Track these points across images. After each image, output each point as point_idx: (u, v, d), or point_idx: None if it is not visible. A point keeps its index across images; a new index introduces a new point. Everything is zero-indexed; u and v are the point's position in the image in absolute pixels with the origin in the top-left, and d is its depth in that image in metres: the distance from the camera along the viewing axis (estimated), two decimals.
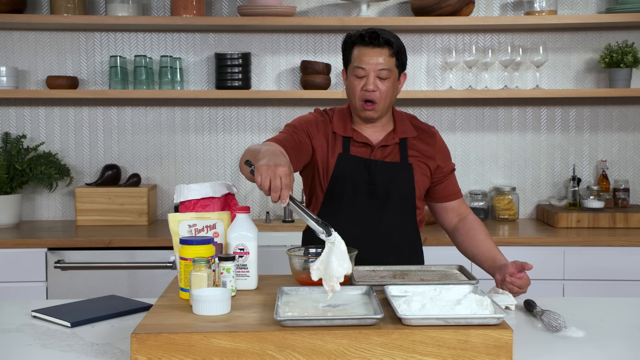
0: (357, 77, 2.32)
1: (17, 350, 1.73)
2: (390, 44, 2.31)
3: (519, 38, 3.78)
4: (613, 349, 1.74)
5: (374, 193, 2.34)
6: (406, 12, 3.77)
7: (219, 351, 1.58)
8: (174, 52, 3.78)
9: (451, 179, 2.48)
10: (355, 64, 2.32)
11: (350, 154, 2.35)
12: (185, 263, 1.89)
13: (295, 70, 3.79)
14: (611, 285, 3.25)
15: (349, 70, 2.36)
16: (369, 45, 2.30)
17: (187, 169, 3.83)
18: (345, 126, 2.38)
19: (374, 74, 2.30)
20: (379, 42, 2.29)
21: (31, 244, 3.21)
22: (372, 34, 2.30)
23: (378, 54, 2.30)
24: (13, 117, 3.77)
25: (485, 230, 2.42)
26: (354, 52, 2.33)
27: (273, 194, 1.84)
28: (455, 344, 1.59)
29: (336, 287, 1.82)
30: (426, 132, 2.45)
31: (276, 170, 1.84)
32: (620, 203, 3.70)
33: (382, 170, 2.35)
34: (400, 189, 2.36)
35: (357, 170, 2.34)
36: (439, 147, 2.45)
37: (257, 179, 1.85)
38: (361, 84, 2.31)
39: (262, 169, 1.85)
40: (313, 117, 2.41)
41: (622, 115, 3.83)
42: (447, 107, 3.82)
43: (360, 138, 2.36)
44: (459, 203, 2.49)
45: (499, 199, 3.72)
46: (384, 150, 2.37)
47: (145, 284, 3.21)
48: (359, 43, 2.32)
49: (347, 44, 2.36)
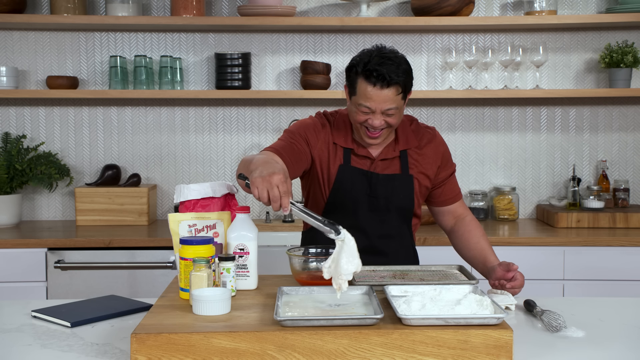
0: (362, 111, 2.20)
1: (17, 350, 1.73)
2: (398, 83, 2.15)
3: (519, 38, 3.78)
4: (613, 349, 1.74)
5: (375, 205, 2.32)
6: (406, 12, 3.77)
7: (219, 351, 1.58)
8: (174, 52, 3.78)
9: (451, 182, 2.45)
10: (360, 100, 2.18)
11: (350, 166, 2.31)
12: (185, 263, 1.89)
13: (295, 70, 3.79)
14: (611, 285, 3.25)
15: (352, 99, 2.23)
16: (376, 86, 2.15)
17: (187, 169, 3.83)
18: (346, 137, 2.32)
19: (380, 111, 2.18)
20: (387, 84, 2.14)
21: (31, 244, 3.21)
22: (379, 75, 2.13)
23: (385, 95, 2.15)
24: (13, 117, 3.77)
25: (481, 232, 2.40)
26: (359, 85, 2.18)
27: (273, 204, 1.81)
28: (455, 344, 1.59)
29: (344, 286, 1.80)
30: (426, 138, 2.39)
31: (271, 180, 1.81)
32: (620, 203, 3.70)
33: (383, 183, 2.31)
34: (400, 200, 2.33)
35: (358, 182, 2.30)
36: (440, 152, 2.40)
37: (253, 192, 1.83)
38: (366, 117, 2.21)
39: (257, 180, 1.82)
40: (312, 123, 2.33)
41: (622, 115, 3.83)
42: (447, 107, 3.82)
43: (362, 152, 2.31)
44: (457, 205, 2.46)
45: (499, 199, 3.72)
46: (384, 163, 2.33)
47: (145, 284, 3.21)
48: (364, 78, 2.16)
49: (352, 72, 2.21)
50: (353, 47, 3.78)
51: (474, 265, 2.36)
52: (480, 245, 2.36)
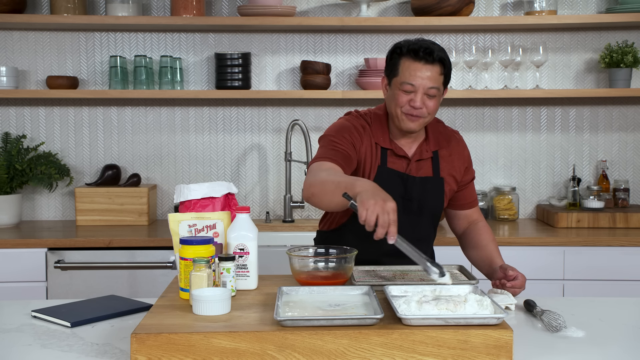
0: (404, 91, 2.21)
1: (17, 350, 1.73)
2: (443, 61, 2.20)
3: (519, 38, 3.78)
4: (613, 349, 1.74)
5: (408, 208, 2.30)
6: (406, 12, 3.76)
7: (219, 351, 1.58)
8: (174, 52, 3.78)
9: (470, 187, 2.45)
10: (403, 78, 2.20)
11: (388, 167, 2.29)
12: (185, 263, 1.89)
13: (295, 70, 3.79)
14: (611, 285, 3.25)
15: (393, 82, 2.24)
16: (421, 61, 2.18)
17: (187, 169, 3.83)
18: (384, 136, 2.30)
19: (422, 91, 2.19)
20: (432, 59, 2.18)
21: (31, 244, 3.21)
22: (427, 50, 2.17)
23: (429, 71, 2.18)
24: (13, 117, 3.77)
25: (491, 236, 2.41)
26: (403, 64, 2.20)
27: (380, 229, 1.80)
28: (455, 344, 1.59)
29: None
30: (454, 141, 2.40)
31: (385, 206, 1.81)
32: (620, 203, 3.70)
33: (418, 186, 2.30)
34: (432, 203, 2.33)
35: (394, 184, 2.28)
36: (466, 155, 2.42)
37: (361, 212, 1.81)
38: (407, 98, 2.21)
39: (369, 203, 1.81)
40: (352, 126, 2.29)
41: (622, 115, 3.83)
42: (447, 107, 3.82)
43: (399, 151, 2.30)
44: (473, 211, 2.47)
45: (499, 199, 3.72)
46: (418, 164, 2.32)
47: (145, 284, 3.20)
48: (410, 56, 2.19)
49: (395, 53, 2.24)
50: (353, 47, 3.78)
51: (481, 266, 2.36)
52: (489, 247, 2.36)
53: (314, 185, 2.06)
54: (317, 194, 2.05)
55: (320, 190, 2.04)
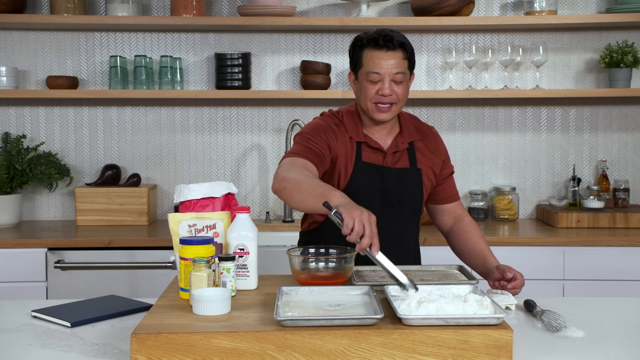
0: (371, 82, 2.25)
1: (17, 350, 1.73)
2: (404, 46, 2.24)
3: (519, 38, 3.78)
4: (613, 349, 1.74)
5: (387, 200, 2.31)
6: (406, 12, 3.76)
7: (219, 351, 1.58)
8: (174, 52, 3.78)
9: (450, 181, 2.47)
10: (368, 68, 2.24)
11: (363, 161, 2.30)
12: (185, 263, 1.89)
13: (295, 70, 3.79)
14: (611, 285, 3.25)
15: (360, 74, 2.29)
16: (383, 49, 2.23)
17: (187, 169, 3.83)
18: (358, 130, 2.32)
19: (389, 78, 2.23)
20: (393, 45, 2.22)
21: (31, 244, 3.21)
22: (386, 37, 2.23)
23: (392, 57, 2.23)
24: (13, 117, 3.77)
25: (479, 233, 2.41)
26: (366, 55, 2.26)
27: (367, 239, 1.81)
28: (455, 344, 1.59)
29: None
30: (429, 135, 2.43)
31: (370, 218, 1.82)
32: (620, 203, 3.70)
33: (395, 177, 2.32)
34: (410, 194, 2.34)
35: (372, 178, 2.30)
36: (442, 149, 2.45)
37: (347, 221, 1.81)
38: (375, 88, 2.24)
39: (355, 212, 1.82)
40: (327, 124, 2.31)
41: (622, 115, 3.83)
42: (447, 107, 3.82)
43: (373, 143, 2.32)
44: (455, 205, 2.49)
45: (499, 199, 3.72)
46: (394, 156, 2.34)
47: (145, 284, 3.21)
48: (371, 46, 2.24)
49: (357, 47, 2.29)
50: None
51: (473, 266, 2.36)
52: (479, 246, 2.36)
53: (287, 180, 2.05)
54: (289, 189, 2.04)
55: (293, 187, 2.03)
